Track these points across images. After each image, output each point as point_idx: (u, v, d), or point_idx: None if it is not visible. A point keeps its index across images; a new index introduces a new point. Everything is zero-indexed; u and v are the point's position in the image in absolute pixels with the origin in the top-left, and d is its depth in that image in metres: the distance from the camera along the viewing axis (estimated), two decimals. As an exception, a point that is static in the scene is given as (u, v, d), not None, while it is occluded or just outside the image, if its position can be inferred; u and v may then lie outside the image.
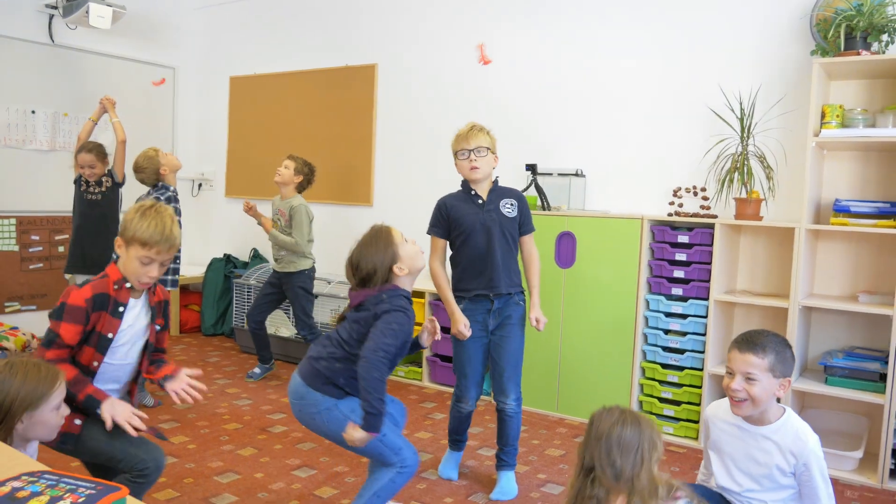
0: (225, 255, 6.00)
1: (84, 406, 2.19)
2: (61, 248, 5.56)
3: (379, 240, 2.51)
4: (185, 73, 6.37)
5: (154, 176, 4.27)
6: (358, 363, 2.35)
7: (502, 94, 4.76)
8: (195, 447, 3.42)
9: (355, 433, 2.30)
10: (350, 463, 3.30)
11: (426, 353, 4.63)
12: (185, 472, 3.12)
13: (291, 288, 4.56)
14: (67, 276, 4.47)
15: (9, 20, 5.18)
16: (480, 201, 3.09)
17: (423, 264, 2.61)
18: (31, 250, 5.41)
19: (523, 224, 3.16)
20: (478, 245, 3.05)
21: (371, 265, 2.47)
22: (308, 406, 2.45)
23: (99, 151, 4.39)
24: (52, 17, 5.38)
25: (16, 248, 5.32)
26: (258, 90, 6.07)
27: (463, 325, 3.00)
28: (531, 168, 4.24)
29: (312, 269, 4.65)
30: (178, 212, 4.09)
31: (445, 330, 3.02)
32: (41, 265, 5.46)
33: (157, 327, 2.43)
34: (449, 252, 3.18)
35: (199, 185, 6.49)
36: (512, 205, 3.11)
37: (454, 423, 3.23)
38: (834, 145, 3.58)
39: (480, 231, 3.05)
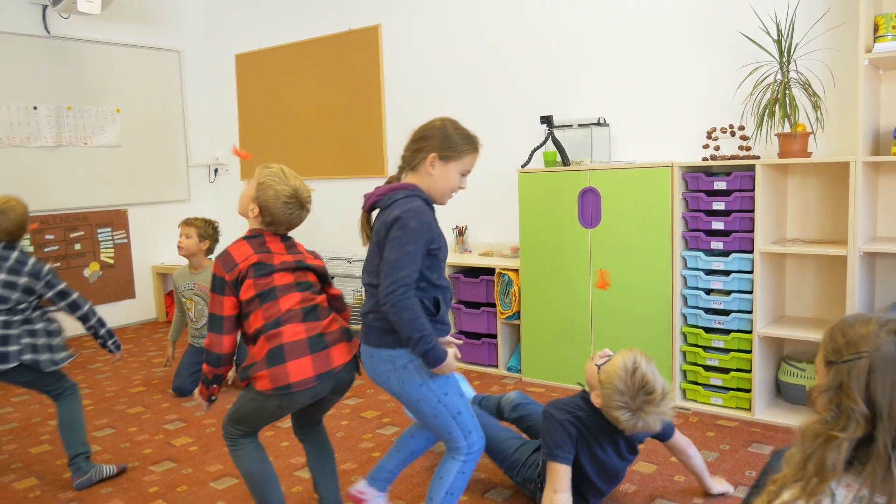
0: (245, 240, 5.78)
1: None
2: (77, 246, 5.42)
3: (438, 126, 2.18)
4: (190, 55, 6.13)
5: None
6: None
7: (513, 44, 4.35)
8: (196, 449, 3.19)
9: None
10: (359, 460, 3.02)
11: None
12: (180, 479, 2.89)
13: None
14: None
15: (1, 15, 5.00)
16: None
17: (446, 201, 2.23)
18: (46, 250, 5.28)
19: None
20: None
21: (420, 136, 2.17)
22: (381, 373, 2.15)
23: None
24: (45, 7, 5.18)
25: (30, 249, 5.20)
26: (264, 65, 5.78)
27: None
28: (546, 120, 3.83)
29: None
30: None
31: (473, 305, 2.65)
32: (58, 265, 5.33)
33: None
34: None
35: (216, 171, 6.27)
36: None
37: None
38: (891, 62, 3.08)
39: None
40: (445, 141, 2.15)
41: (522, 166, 3.92)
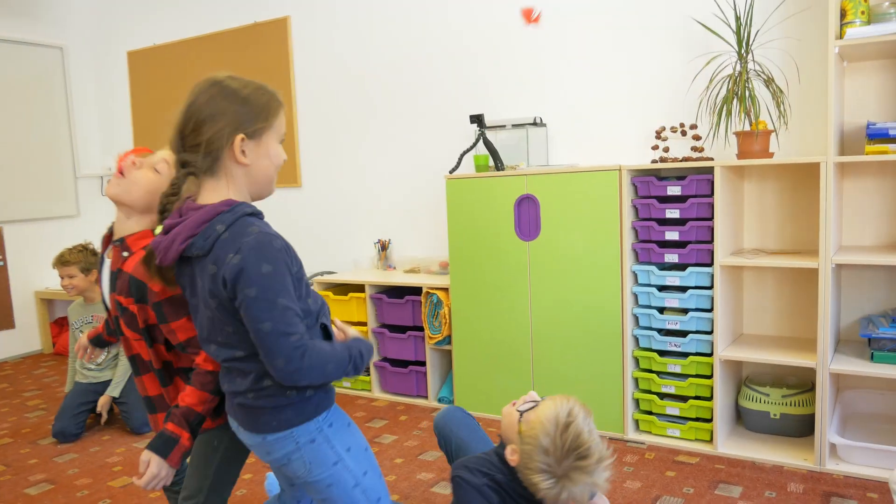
0: (141, 259, 5.14)
1: None
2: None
3: (227, 92, 1.50)
4: (74, 52, 5.43)
5: None
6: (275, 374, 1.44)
7: (438, 36, 3.90)
8: (57, 522, 2.59)
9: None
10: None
11: (374, 359, 3.80)
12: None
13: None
14: None
15: None
16: None
17: (274, 187, 1.60)
18: None
19: None
20: None
21: (205, 117, 1.46)
22: (280, 458, 1.55)
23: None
24: None
25: None
26: (160, 63, 5.16)
27: None
28: (477, 120, 3.39)
29: None
30: None
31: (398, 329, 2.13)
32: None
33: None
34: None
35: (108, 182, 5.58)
36: None
37: None
38: (859, 53, 2.77)
39: None
40: (245, 109, 1.49)
41: (451, 171, 3.47)
